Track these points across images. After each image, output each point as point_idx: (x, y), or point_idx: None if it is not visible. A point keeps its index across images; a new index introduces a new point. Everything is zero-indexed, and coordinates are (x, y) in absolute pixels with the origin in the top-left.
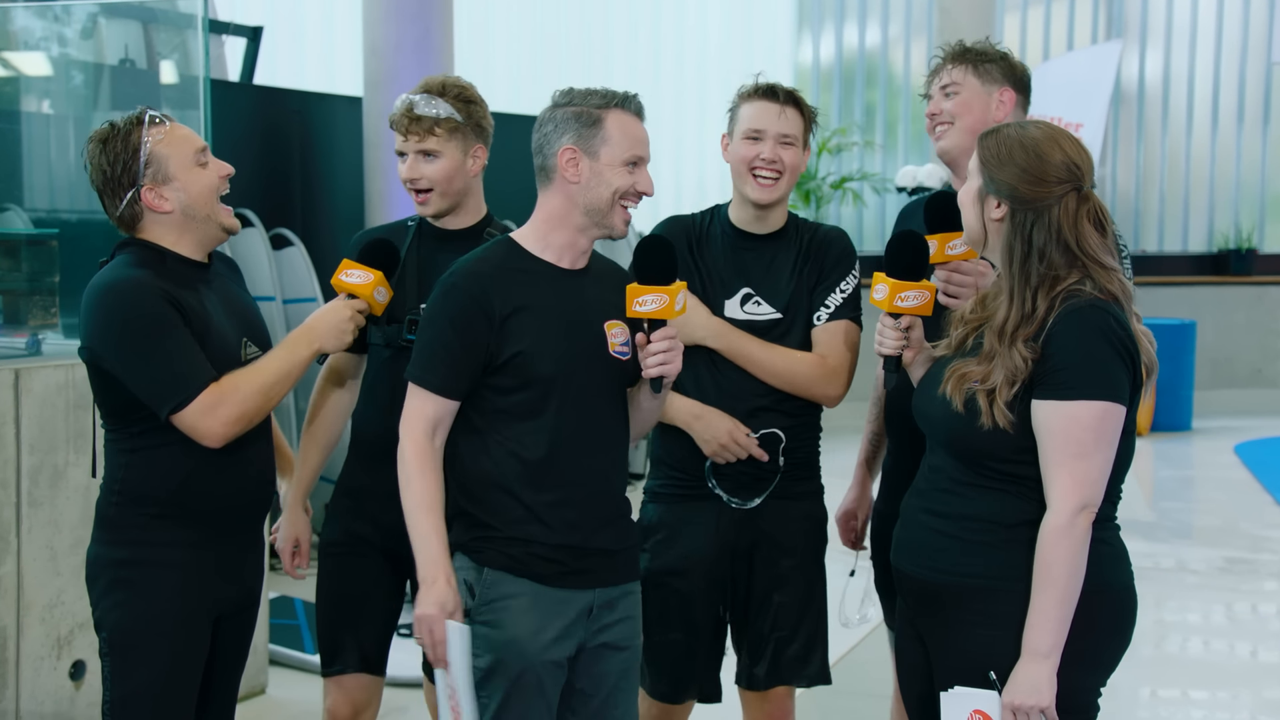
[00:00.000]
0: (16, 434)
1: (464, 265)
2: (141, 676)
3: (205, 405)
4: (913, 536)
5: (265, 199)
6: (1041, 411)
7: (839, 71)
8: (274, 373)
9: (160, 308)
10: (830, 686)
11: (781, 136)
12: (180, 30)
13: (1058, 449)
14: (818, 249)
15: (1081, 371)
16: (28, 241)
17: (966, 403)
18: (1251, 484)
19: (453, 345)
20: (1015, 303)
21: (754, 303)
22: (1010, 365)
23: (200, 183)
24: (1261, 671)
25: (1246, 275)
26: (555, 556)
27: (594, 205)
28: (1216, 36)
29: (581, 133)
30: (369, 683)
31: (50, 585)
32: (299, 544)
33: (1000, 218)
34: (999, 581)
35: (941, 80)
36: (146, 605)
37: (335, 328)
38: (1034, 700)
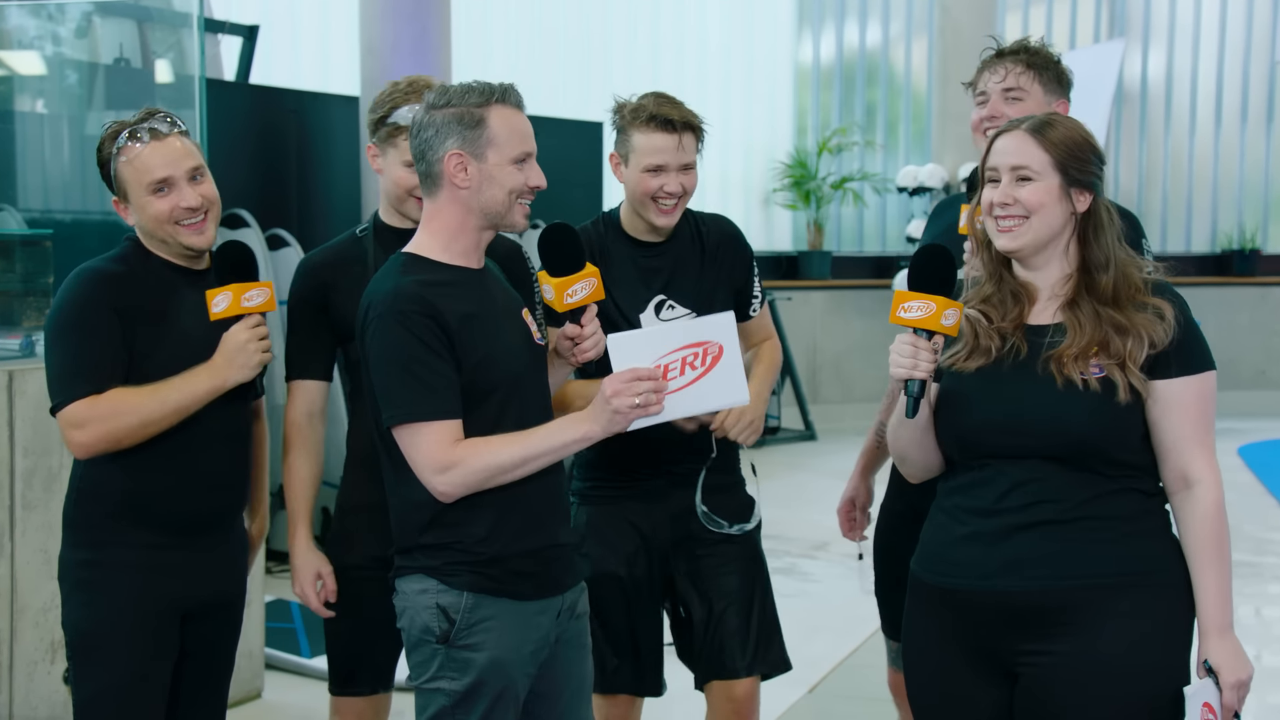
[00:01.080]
0: (10, 436)
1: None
2: (103, 677)
3: (75, 416)
4: (1012, 551)
5: (261, 199)
6: (1173, 388)
7: (839, 70)
8: (161, 400)
9: (90, 305)
10: (828, 691)
11: (682, 166)
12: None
13: (1195, 424)
14: (718, 245)
15: (1197, 344)
16: (21, 242)
17: (1101, 384)
18: (1255, 487)
19: (436, 365)
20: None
21: (668, 307)
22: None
23: (149, 211)
24: (1266, 676)
25: (1250, 276)
26: (529, 569)
27: (489, 208)
28: (1220, 35)
29: (465, 135)
30: (380, 700)
31: (44, 589)
32: (321, 577)
33: (1086, 207)
34: (1141, 577)
35: (1005, 81)
36: (105, 606)
37: (235, 355)
38: (1248, 671)
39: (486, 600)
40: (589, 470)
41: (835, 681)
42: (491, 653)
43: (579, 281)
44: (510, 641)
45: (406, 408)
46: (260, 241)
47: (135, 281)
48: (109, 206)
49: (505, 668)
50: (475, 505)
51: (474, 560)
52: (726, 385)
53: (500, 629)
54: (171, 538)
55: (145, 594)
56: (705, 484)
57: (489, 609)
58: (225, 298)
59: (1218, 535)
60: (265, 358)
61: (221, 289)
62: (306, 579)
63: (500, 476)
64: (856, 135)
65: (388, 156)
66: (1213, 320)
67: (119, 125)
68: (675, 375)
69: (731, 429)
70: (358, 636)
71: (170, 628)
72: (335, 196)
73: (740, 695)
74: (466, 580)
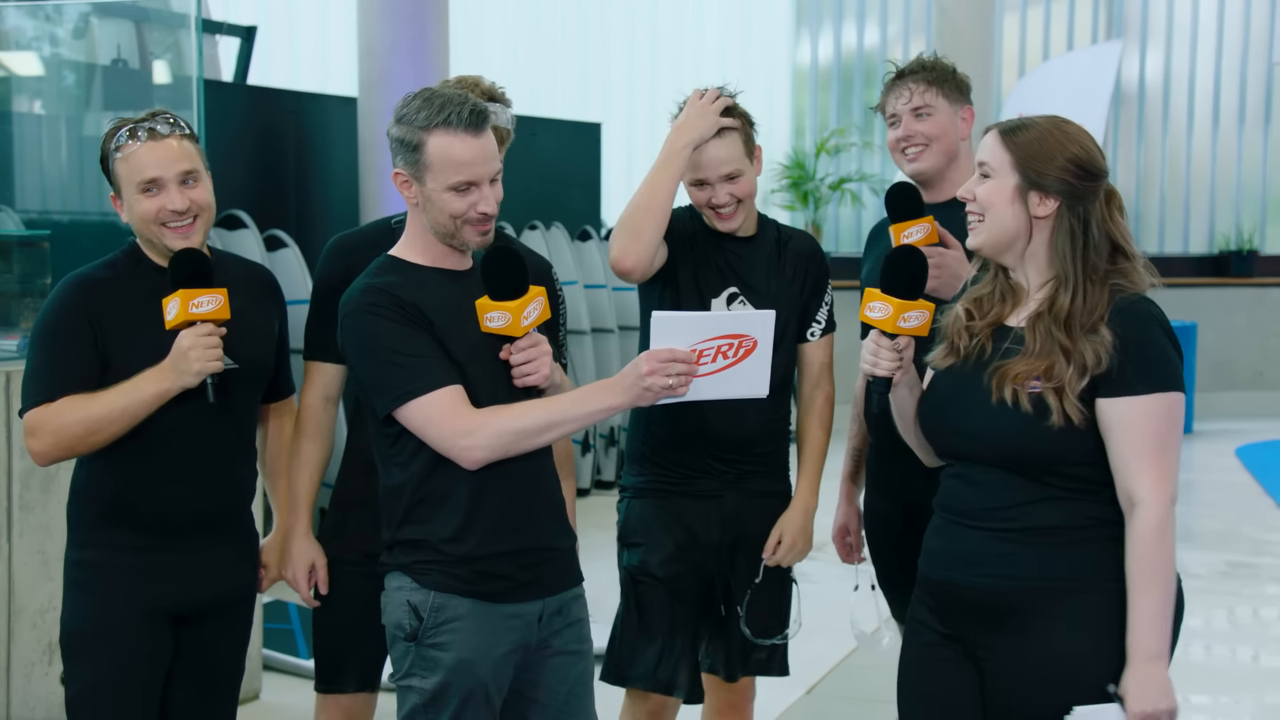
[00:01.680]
0: (8, 437)
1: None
2: (88, 677)
3: (30, 424)
4: (967, 547)
5: (259, 200)
6: (1116, 409)
7: (837, 71)
8: (105, 407)
9: (64, 313)
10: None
11: (724, 176)
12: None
13: (1138, 446)
14: (797, 257)
15: (1151, 365)
16: (19, 243)
17: (1034, 404)
18: (1253, 487)
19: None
20: (1079, 293)
21: (739, 302)
22: (1084, 359)
23: (136, 210)
24: (1263, 676)
25: (1247, 277)
26: (501, 571)
27: (436, 228)
28: (1217, 36)
29: (407, 157)
30: (366, 698)
31: (41, 590)
32: (314, 569)
33: (1048, 214)
34: (1085, 583)
35: (912, 101)
36: (94, 605)
37: (177, 361)
38: (1165, 704)
39: (454, 600)
40: (639, 465)
41: (833, 682)
42: (458, 653)
43: (531, 302)
44: (478, 643)
45: (404, 387)
46: (258, 242)
47: (119, 288)
48: (107, 207)
49: (473, 668)
50: (443, 505)
51: (443, 559)
52: (751, 378)
53: (467, 630)
54: (160, 539)
55: (135, 594)
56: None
57: (456, 609)
58: (174, 304)
59: (1153, 559)
60: (211, 366)
61: (172, 296)
62: (301, 566)
63: (526, 440)
64: (854, 136)
65: None
66: (1210, 321)
67: (122, 122)
68: (707, 362)
69: (784, 558)
70: (345, 633)
71: (162, 630)
72: (333, 197)
73: (739, 688)
74: (435, 579)
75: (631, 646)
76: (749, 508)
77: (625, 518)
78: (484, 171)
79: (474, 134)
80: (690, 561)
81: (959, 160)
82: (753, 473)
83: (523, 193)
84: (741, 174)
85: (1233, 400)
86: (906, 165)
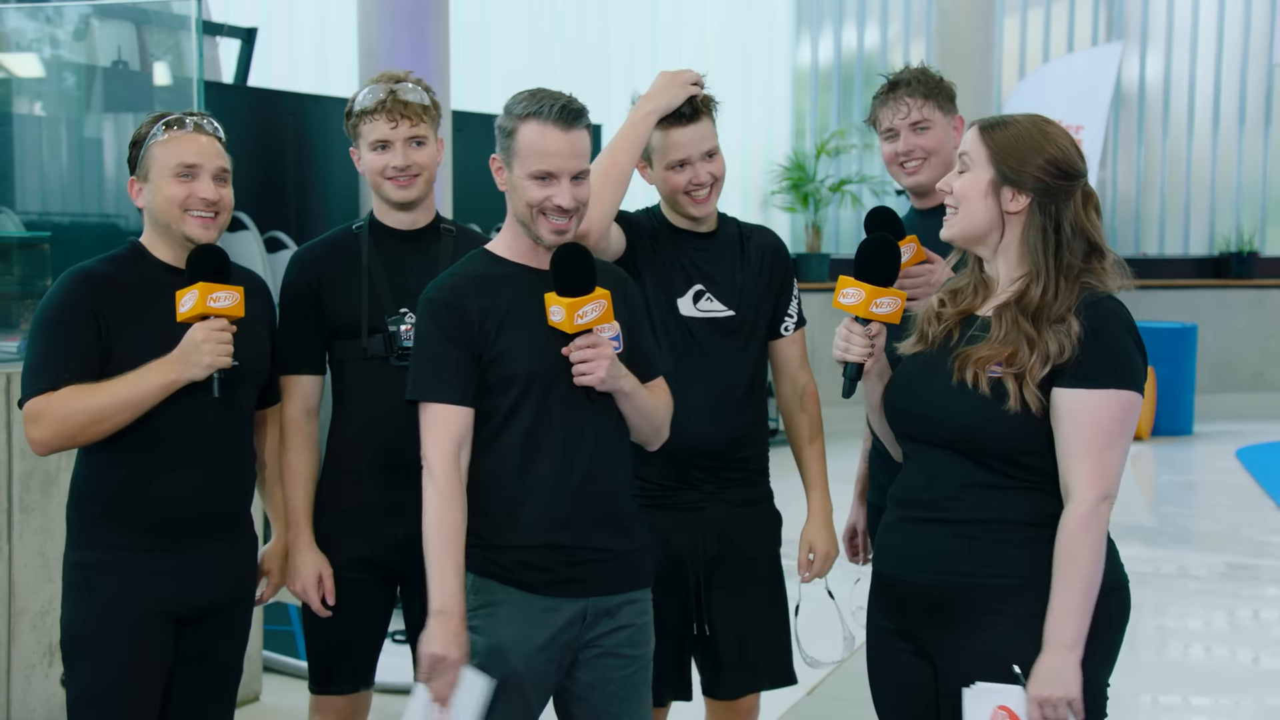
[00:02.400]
0: (8, 439)
1: (441, 279)
2: (90, 679)
3: (31, 412)
4: (917, 544)
5: (259, 202)
6: (1067, 399)
7: (838, 73)
8: (110, 396)
9: (67, 304)
10: (827, 693)
11: (704, 153)
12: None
13: (1083, 438)
14: (761, 251)
15: (1110, 360)
16: (19, 244)
17: (993, 388)
18: (1253, 489)
19: (450, 355)
20: (1050, 288)
21: (706, 299)
22: (1047, 348)
23: (165, 192)
24: (1263, 678)
25: (1248, 278)
26: (543, 564)
27: (518, 215)
28: (1218, 38)
29: (503, 143)
30: (361, 698)
31: (42, 592)
32: (322, 580)
33: (1019, 210)
34: (1029, 580)
35: (910, 117)
36: (94, 607)
37: (188, 352)
38: (1061, 692)
39: (492, 585)
40: None
41: (834, 684)
42: (491, 638)
43: (590, 303)
44: (514, 631)
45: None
46: (258, 244)
47: (121, 282)
48: (107, 209)
49: (506, 656)
50: (493, 494)
51: (486, 545)
52: None
53: (503, 616)
54: (160, 540)
55: (135, 596)
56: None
57: (494, 594)
58: (191, 296)
59: (1074, 551)
60: (221, 361)
61: (189, 288)
62: (309, 578)
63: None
64: (855, 138)
65: (360, 149)
66: (1210, 323)
67: (165, 114)
68: None
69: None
70: (338, 635)
71: (162, 631)
72: (333, 199)
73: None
74: (477, 563)
75: None
76: (731, 519)
77: None
78: (565, 165)
79: (562, 128)
80: (668, 576)
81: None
82: (733, 481)
83: None
84: (717, 152)
85: (1233, 402)
86: (905, 178)
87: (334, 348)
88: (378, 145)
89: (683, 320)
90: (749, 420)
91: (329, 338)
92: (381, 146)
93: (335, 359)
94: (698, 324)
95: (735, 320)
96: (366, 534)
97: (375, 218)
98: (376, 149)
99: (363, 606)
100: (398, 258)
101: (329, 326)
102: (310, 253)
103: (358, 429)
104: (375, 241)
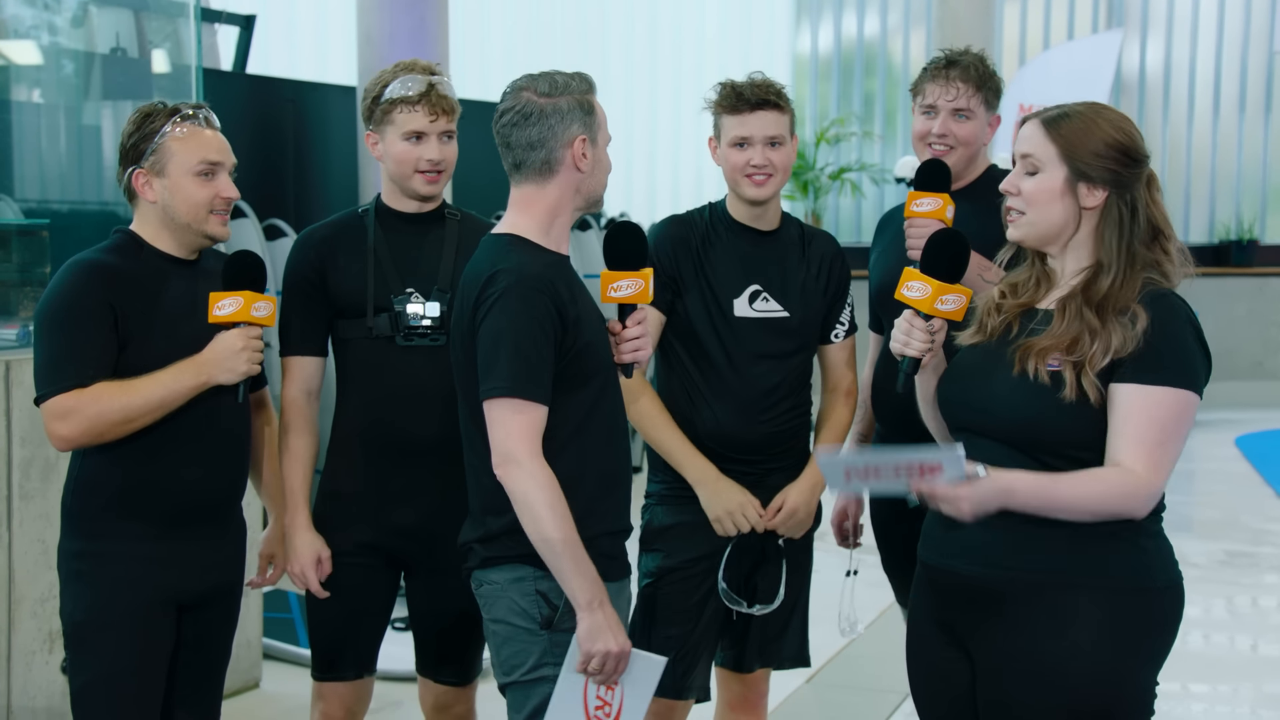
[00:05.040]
0: (8, 426)
1: (519, 268)
2: (96, 666)
3: (60, 408)
4: (965, 534)
5: (258, 190)
6: (1124, 394)
7: (837, 61)
8: (144, 397)
9: (82, 296)
10: (828, 681)
11: (769, 139)
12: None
13: (1137, 433)
14: (822, 257)
15: (1174, 358)
16: (18, 232)
17: (1052, 379)
18: (1252, 477)
19: (545, 351)
20: (1118, 278)
21: (763, 299)
22: (1110, 339)
23: (188, 192)
24: (1262, 665)
25: (1247, 266)
26: (612, 551)
27: (594, 191)
28: (1218, 25)
29: (586, 121)
30: (363, 684)
31: (42, 579)
32: (320, 561)
33: (1097, 204)
34: (1076, 580)
35: (956, 101)
36: (98, 596)
37: (225, 358)
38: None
39: None
40: (661, 472)
41: (833, 671)
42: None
43: (627, 279)
44: None
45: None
46: (258, 232)
47: (128, 273)
48: (105, 196)
49: None
50: (577, 489)
51: None
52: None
53: None
54: (166, 529)
55: (140, 584)
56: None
57: None
58: (234, 303)
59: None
60: (253, 370)
61: (230, 293)
62: (308, 560)
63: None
64: (854, 126)
65: (386, 136)
66: (1210, 311)
67: (169, 105)
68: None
69: (781, 524)
70: (343, 623)
71: (166, 619)
72: (332, 187)
73: (753, 680)
74: None
75: None
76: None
77: (646, 523)
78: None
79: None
80: (709, 566)
81: (975, 162)
82: (775, 470)
83: None
84: (785, 144)
85: (1232, 390)
86: (927, 155)
87: (338, 328)
88: (412, 136)
89: (736, 322)
90: (792, 417)
91: (333, 318)
92: (416, 138)
93: (339, 339)
94: (752, 324)
95: (791, 322)
96: (371, 519)
97: (383, 203)
98: (410, 139)
99: (367, 593)
100: (404, 238)
101: (333, 307)
102: (315, 234)
103: (361, 409)
104: (382, 225)
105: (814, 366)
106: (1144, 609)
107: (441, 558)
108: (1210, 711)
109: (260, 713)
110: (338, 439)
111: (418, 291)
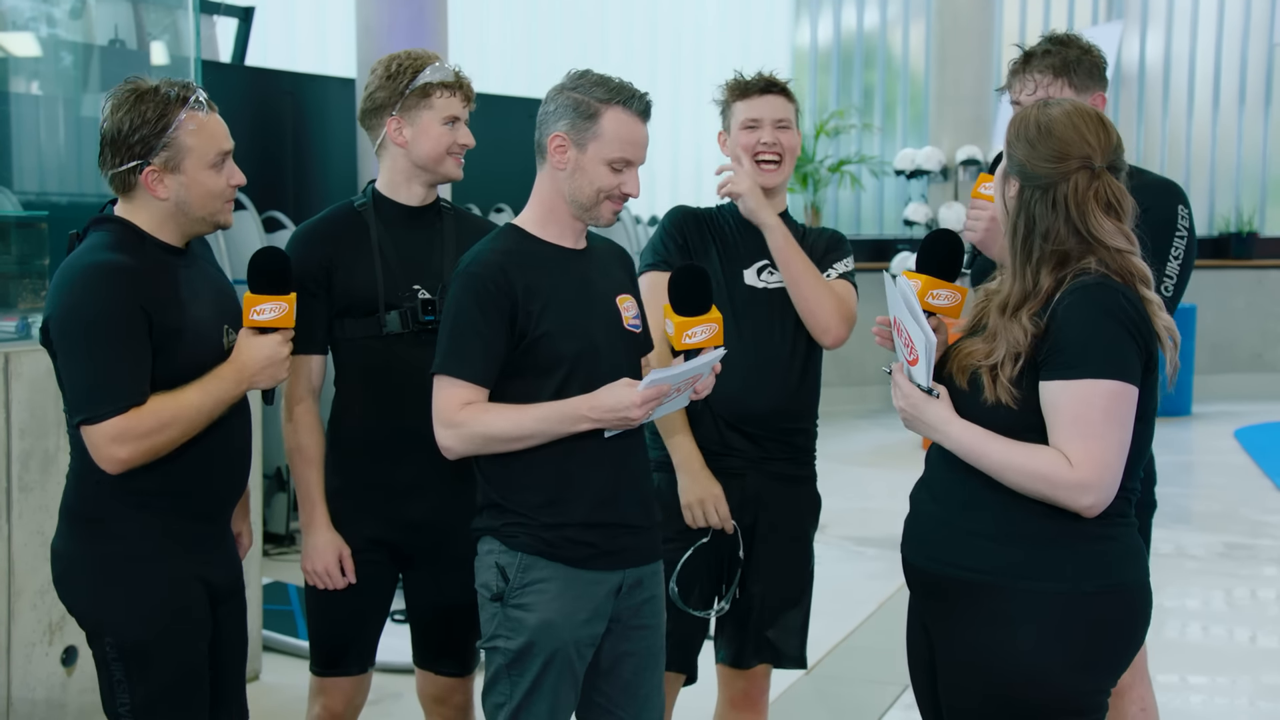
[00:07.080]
0: (6, 418)
1: (479, 254)
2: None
3: (115, 431)
4: (920, 528)
5: (257, 182)
6: (1049, 392)
7: (837, 53)
8: (195, 410)
9: (119, 305)
10: (827, 674)
11: (777, 121)
12: (170, 10)
13: (1064, 429)
14: (819, 235)
15: (1088, 349)
16: (16, 224)
17: (970, 380)
18: (1251, 469)
19: (484, 333)
20: (1017, 278)
21: (769, 271)
22: (1011, 339)
23: (207, 185)
24: (1261, 657)
25: (1247, 259)
26: (587, 539)
27: (575, 197)
28: (1218, 18)
29: (576, 123)
30: (364, 678)
31: (41, 571)
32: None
33: (1013, 195)
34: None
35: (1036, 94)
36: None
37: (269, 365)
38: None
39: (540, 562)
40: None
41: (833, 664)
42: (542, 614)
43: (701, 325)
44: (562, 605)
45: (447, 360)
46: (257, 224)
47: (147, 272)
48: (104, 189)
49: (556, 630)
50: (540, 473)
51: (531, 524)
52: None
53: (551, 592)
54: (194, 524)
55: (182, 583)
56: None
57: (542, 571)
58: (277, 308)
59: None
60: (285, 374)
61: (274, 298)
62: (330, 558)
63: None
64: (854, 118)
65: (419, 121)
66: (1209, 304)
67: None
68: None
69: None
70: (349, 618)
71: (205, 613)
72: (331, 179)
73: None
74: (523, 542)
75: None
76: (771, 492)
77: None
78: (640, 156)
79: (644, 120)
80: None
81: None
82: (776, 454)
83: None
84: (792, 127)
85: (1231, 382)
86: None
87: (344, 326)
88: (450, 120)
89: (746, 288)
90: (798, 396)
91: (336, 317)
92: (452, 122)
93: (345, 338)
94: (760, 293)
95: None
96: (380, 513)
97: (382, 193)
98: (448, 123)
99: (372, 589)
100: (406, 234)
101: (338, 306)
102: (316, 231)
103: (369, 406)
104: (381, 218)
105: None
106: (1094, 611)
107: (446, 551)
108: (1209, 703)
109: (260, 704)
110: (341, 436)
111: (424, 287)
